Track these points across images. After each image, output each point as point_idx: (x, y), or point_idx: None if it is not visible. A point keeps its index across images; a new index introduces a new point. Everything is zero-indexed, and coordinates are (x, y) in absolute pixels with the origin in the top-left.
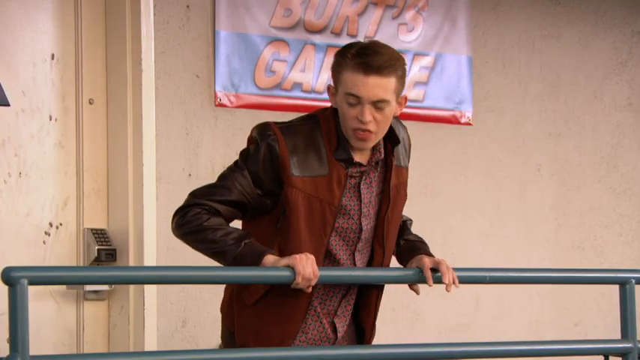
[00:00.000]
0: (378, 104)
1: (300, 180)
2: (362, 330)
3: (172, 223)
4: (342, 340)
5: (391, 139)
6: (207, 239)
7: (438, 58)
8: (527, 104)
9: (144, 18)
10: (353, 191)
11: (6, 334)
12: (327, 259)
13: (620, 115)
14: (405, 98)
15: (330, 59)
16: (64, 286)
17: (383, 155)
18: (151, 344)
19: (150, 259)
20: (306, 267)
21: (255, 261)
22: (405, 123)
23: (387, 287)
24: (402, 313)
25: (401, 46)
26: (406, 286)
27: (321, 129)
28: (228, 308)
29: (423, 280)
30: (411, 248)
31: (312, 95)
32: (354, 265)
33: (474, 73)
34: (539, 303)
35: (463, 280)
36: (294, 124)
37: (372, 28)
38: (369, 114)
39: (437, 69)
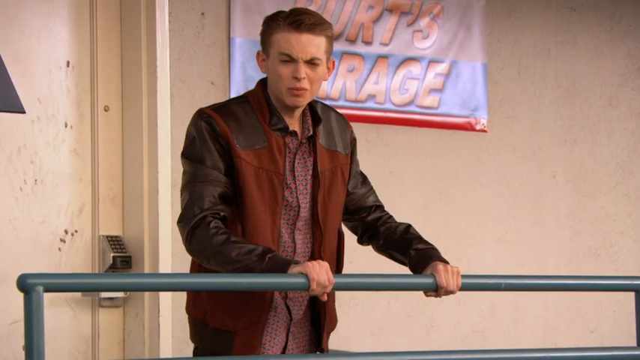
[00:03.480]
0: (311, 61)
1: (244, 153)
2: (317, 314)
3: (186, 243)
4: (297, 325)
5: (314, 117)
6: (229, 260)
7: (453, 65)
8: (542, 111)
9: (159, 25)
10: (290, 168)
11: (22, 342)
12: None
13: (636, 121)
14: (333, 63)
15: (345, 66)
16: (79, 293)
17: (311, 132)
18: (166, 351)
19: (165, 266)
20: (321, 273)
21: (281, 273)
22: (421, 129)
23: (402, 294)
24: (417, 320)
25: (416, 53)
26: (421, 292)
27: (252, 105)
28: (195, 301)
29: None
30: (423, 256)
31: (327, 102)
32: (294, 244)
33: (489, 79)
34: (554, 310)
35: (478, 287)
36: (224, 104)
37: (387, 35)
38: (303, 71)
39: (452, 76)
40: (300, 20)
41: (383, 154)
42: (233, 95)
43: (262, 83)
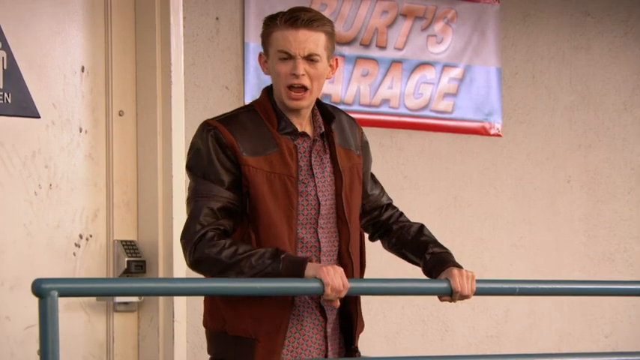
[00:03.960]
0: (309, 57)
1: (254, 160)
2: (349, 316)
3: (188, 258)
4: (330, 326)
5: (325, 116)
6: (244, 271)
7: (467, 69)
8: (556, 116)
9: (173, 30)
10: (306, 168)
11: (37, 346)
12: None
13: None
14: (337, 61)
15: (359, 71)
16: (93, 298)
17: (323, 129)
18: (180, 356)
19: (179, 271)
20: (335, 278)
21: (299, 272)
22: (435, 134)
23: (416, 299)
24: (432, 325)
25: (430, 57)
26: (435, 297)
27: (258, 113)
28: (211, 311)
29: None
30: (439, 261)
31: (342, 107)
32: (319, 243)
33: (504, 84)
34: (569, 315)
35: (493, 292)
36: (230, 114)
37: (401, 39)
38: (302, 67)
39: (466, 80)
40: (297, 16)
41: (397, 158)
42: (248, 100)
43: (267, 90)
